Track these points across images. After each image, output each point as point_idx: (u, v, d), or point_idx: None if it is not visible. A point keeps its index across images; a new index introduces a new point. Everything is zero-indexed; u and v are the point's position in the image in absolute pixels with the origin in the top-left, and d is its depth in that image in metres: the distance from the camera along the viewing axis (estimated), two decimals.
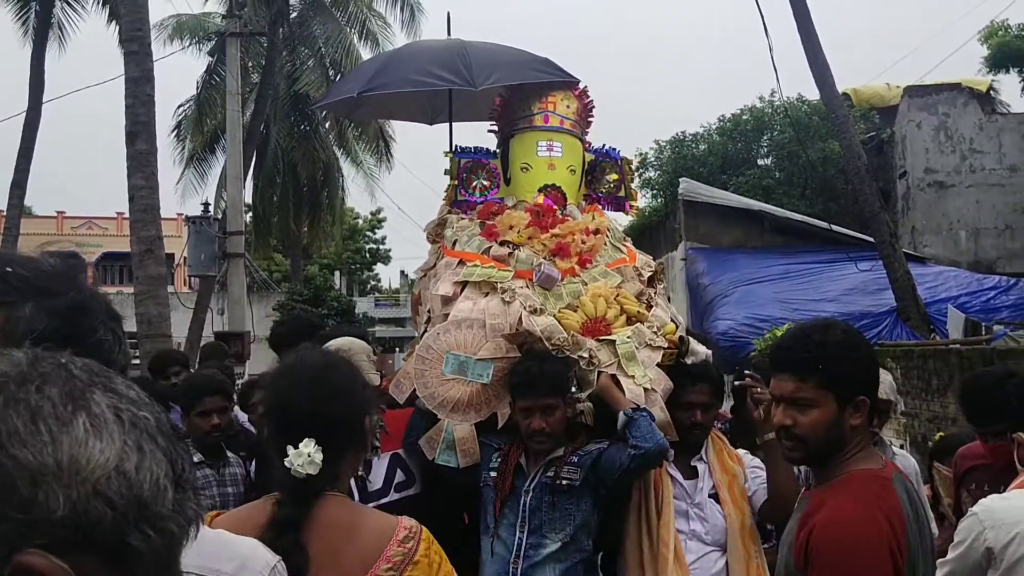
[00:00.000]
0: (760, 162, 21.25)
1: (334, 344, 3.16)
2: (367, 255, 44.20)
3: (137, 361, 10.91)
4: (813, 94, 13.43)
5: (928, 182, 17.82)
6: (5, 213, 17.29)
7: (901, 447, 7.81)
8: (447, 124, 4.26)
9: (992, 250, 17.60)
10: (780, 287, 13.35)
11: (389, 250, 45.00)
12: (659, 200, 21.71)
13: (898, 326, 11.87)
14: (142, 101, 9.81)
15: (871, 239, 12.55)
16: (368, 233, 43.98)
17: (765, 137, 20.90)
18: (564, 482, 2.82)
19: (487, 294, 3.18)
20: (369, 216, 42.68)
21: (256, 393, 2.39)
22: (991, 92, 18.31)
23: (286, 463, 1.70)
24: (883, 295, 12.32)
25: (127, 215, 10.19)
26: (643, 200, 23.22)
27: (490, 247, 3.38)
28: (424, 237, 3.77)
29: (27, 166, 16.12)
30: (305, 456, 1.69)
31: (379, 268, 47.05)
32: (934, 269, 14.35)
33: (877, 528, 1.78)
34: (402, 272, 50.46)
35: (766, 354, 2.84)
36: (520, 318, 2.99)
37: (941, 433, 6.47)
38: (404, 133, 28.72)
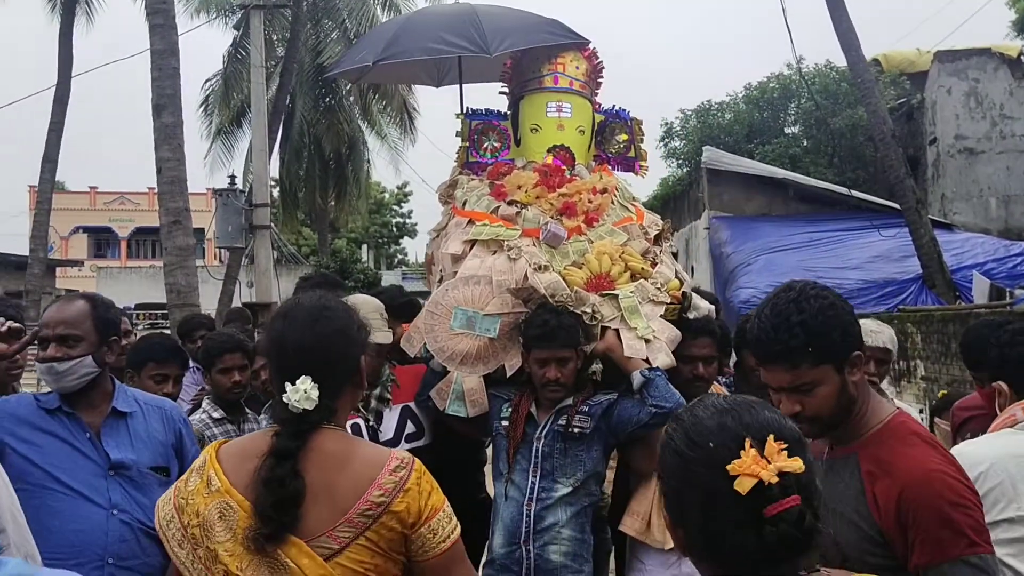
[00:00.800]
0: (787, 130, 21.04)
1: (348, 300, 3.28)
2: (394, 229, 44.43)
3: (168, 331, 11.16)
4: (842, 60, 13.25)
5: (958, 148, 17.58)
6: (37, 188, 17.62)
7: (920, 411, 7.83)
8: (455, 86, 4.32)
9: (1022, 217, 17.36)
10: (804, 255, 13.30)
11: (416, 224, 45.22)
12: (684, 169, 21.61)
13: (923, 292, 11.80)
14: (168, 74, 9.97)
15: (897, 206, 12.46)
16: (395, 207, 44.19)
17: (792, 105, 20.68)
18: (576, 430, 2.93)
19: (495, 252, 3.26)
20: (395, 190, 42.87)
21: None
22: (1021, 57, 17.96)
23: (284, 399, 1.80)
24: (909, 262, 12.24)
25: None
26: (668, 169, 23.14)
27: (498, 207, 3.45)
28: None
29: (58, 141, 16.40)
30: (302, 392, 1.78)
31: (406, 242, 47.33)
32: (961, 236, 14.20)
33: (957, 468, 1.81)
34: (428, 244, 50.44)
35: None
36: (525, 274, 3.07)
37: (943, 392, 6.49)
38: (428, 105, 28.78)
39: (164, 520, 1.84)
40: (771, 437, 1.21)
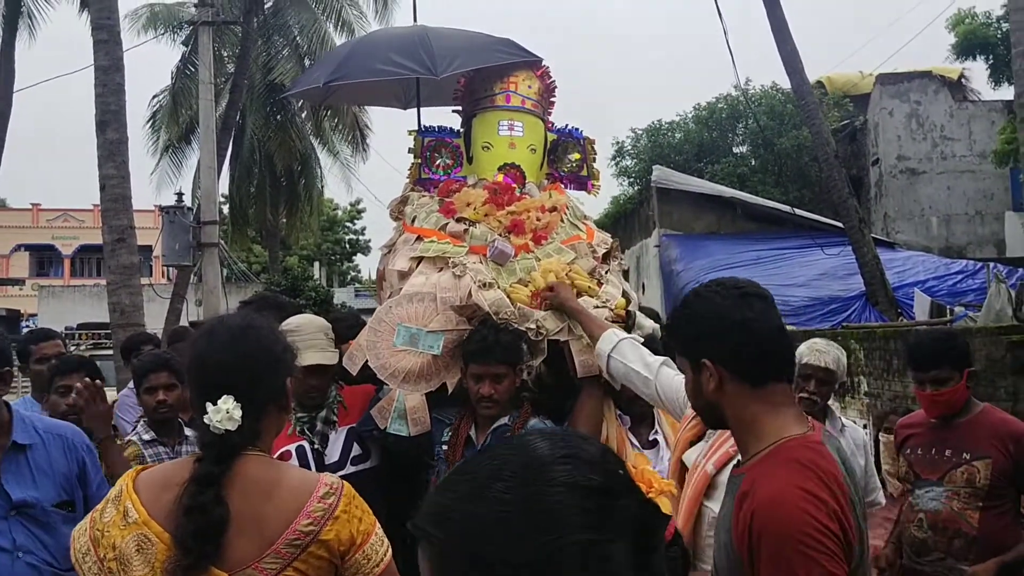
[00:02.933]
0: (736, 150, 21.43)
1: (292, 321, 3.23)
2: (347, 246, 44.10)
3: (110, 352, 10.89)
4: (787, 82, 13.55)
5: (900, 169, 18.07)
6: None
7: (864, 426, 7.98)
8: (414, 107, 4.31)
9: (962, 236, 17.88)
10: (752, 272, 13.50)
11: (369, 241, 44.91)
12: (635, 188, 21.86)
13: (867, 310, 12.07)
14: (112, 90, 9.77)
15: (841, 224, 12.74)
16: (347, 224, 43.88)
17: (740, 125, 21.09)
18: None
19: (441, 269, 3.25)
20: (348, 207, 42.60)
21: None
22: (962, 80, 18.56)
23: (205, 420, 1.74)
24: (852, 280, 12.52)
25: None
26: (619, 188, 23.38)
27: (447, 223, 3.44)
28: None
29: None
30: (224, 412, 1.72)
31: (359, 259, 46.99)
32: (903, 254, 14.58)
33: (820, 501, 1.60)
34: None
35: None
36: (470, 292, 3.06)
37: (889, 413, 6.66)
38: (381, 122, 28.72)
39: (80, 553, 1.74)
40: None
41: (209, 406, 1.74)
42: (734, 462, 1.95)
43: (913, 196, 18.01)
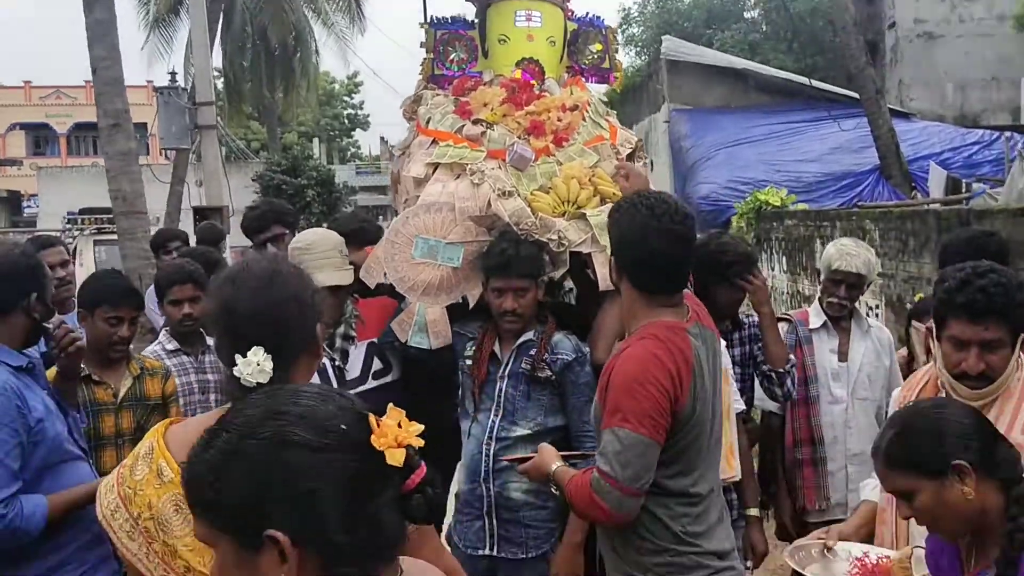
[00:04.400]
0: (747, 15, 20.64)
1: (304, 237, 3.11)
2: (345, 121, 43.29)
3: (114, 238, 10.79)
4: None
5: (917, 32, 17.41)
6: None
7: (876, 307, 7.97)
8: None
9: (978, 103, 17.41)
10: (764, 148, 13.22)
11: (368, 116, 44.07)
12: (642, 59, 21.17)
13: (880, 184, 11.86)
14: None
15: (856, 95, 12.34)
16: (345, 98, 42.91)
17: None
18: (541, 375, 2.85)
19: (458, 176, 3.10)
20: (345, 80, 41.53)
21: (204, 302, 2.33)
22: None
23: (235, 372, 1.64)
24: (866, 153, 12.24)
25: None
26: (626, 59, 22.64)
27: (463, 125, 3.26)
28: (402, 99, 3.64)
29: None
30: (255, 365, 1.62)
31: (358, 135, 46.21)
32: (919, 125, 14.20)
33: (661, 361, 2.14)
34: (382, 138, 49.43)
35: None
36: (488, 201, 2.93)
37: (920, 295, 6.56)
38: None
39: (108, 510, 1.67)
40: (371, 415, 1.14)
41: (239, 358, 1.64)
42: None
43: (929, 61, 17.40)
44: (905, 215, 7.89)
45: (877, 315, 7.59)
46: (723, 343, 3.27)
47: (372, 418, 1.13)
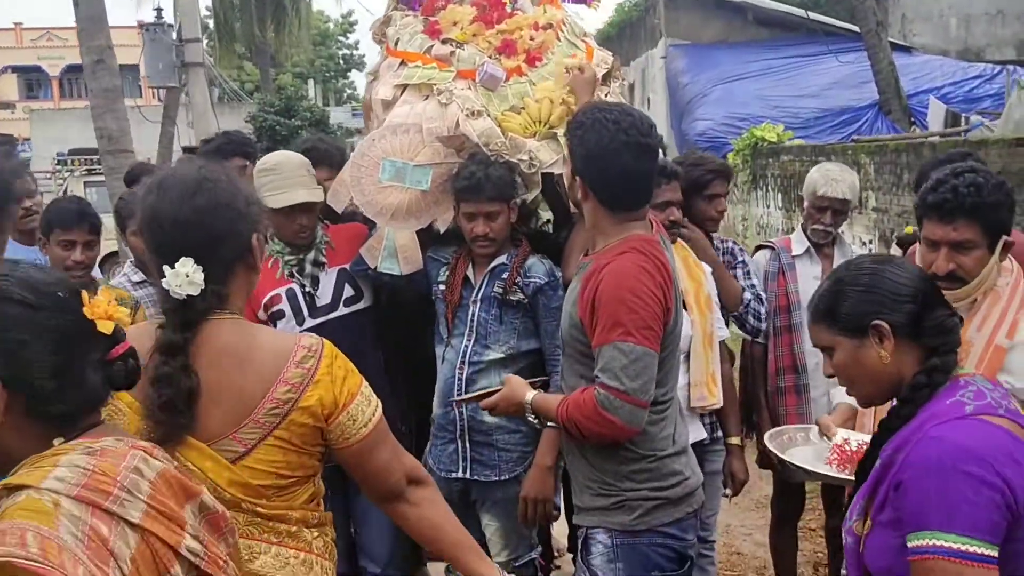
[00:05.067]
0: None
1: (269, 158, 3.03)
2: (341, 62, 42.64)
3: (102, 177, 10.67)
4: None
5: None
6: None
7: (870, 241, 7.89)
8: None
9: (982, 37, 17.07)
10: (761, 84, 13.02)
11: (363, 56, 43.32)
12: None
13: (879, 119, 11.70)
14: None
15: (856, 28, 12.09)
16: (340, 38, 42.20)
17: None
18: (512, 299, 2.81)
19: (427, 97, 3.00)
20: (340, 19, 40.80)
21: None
22: None
23: (163, 284, 1.59)
24: (865, 88, 12.05)
25: None
26: None
27: (432, 45, 3.15)
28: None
29: None
30: (183, 276, 1.57)
31: (354, 76, 45.52)
32: (920, 58, 13.95)
33: (650, 274, 2.13)
34: None
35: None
36: (457, 121, 2.84)
37: (910, 228, 6.48)
38: None
39: None
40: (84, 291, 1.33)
41: (167, 269, 1.58)
42: None
43: None
44: (900, 148, 7.77)
45: (871, 249, 7.53)
46: (708, 269, 3.24)
47: (85, 293, 1.30)
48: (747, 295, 3.40)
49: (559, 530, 3.78)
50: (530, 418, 2.34)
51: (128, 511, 1.15)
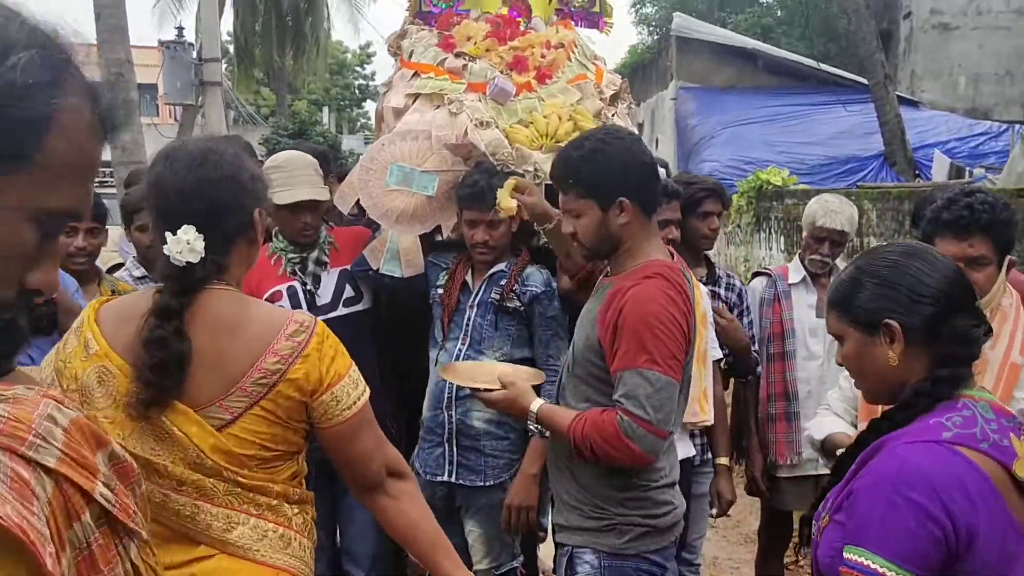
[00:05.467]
0: None
1: (278, 156, 3.10)
2: (356, 91, 43.10)
3: (112, 190, 10.79)
4: None
5: (932, 23, 17.22)
6: None
7: None
8: None
9: (990, 97, 17.25)
10: (768, 129, 13.15)
11: (379, 87, 43.83)
12: (654, 37, 21.03)
13: (884, 170, 11.80)
14: None
15: (864, 81, 12.26)
16: (357, 68, 42.72)
17: None
18: (509, 305, 2.85)
19: (438, 106, 3.08)
20: (357, 50, 41.32)
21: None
22: None
23: (164, 250, 1.63)
24: (872, 139, 12.17)
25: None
26: (637, 37, 22.50)
27: (445, 58, 3.24)
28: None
29: None
30: (184, 243, 1.61)
31: (368, 106, 45.94)
32: (926, 113, 14.10)
33: (675, 302, 2.13)
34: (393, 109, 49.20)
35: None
36: (465, 130, 2.91)
37: None
38: None
39: (46, 384, 1.66)
40: None
41: (168, 236, 1.62)
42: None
43: (943, 53, 17.23)
44: (903, 195, 7.85)
45: None
46: (704, 289, 3.29)
47: None
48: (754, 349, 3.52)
49: (546, 552, 3.77)
50: (531, 425, 2.34)
51: (43, 457, 1.16)
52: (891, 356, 1.55)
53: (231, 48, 24.56)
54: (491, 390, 2.39)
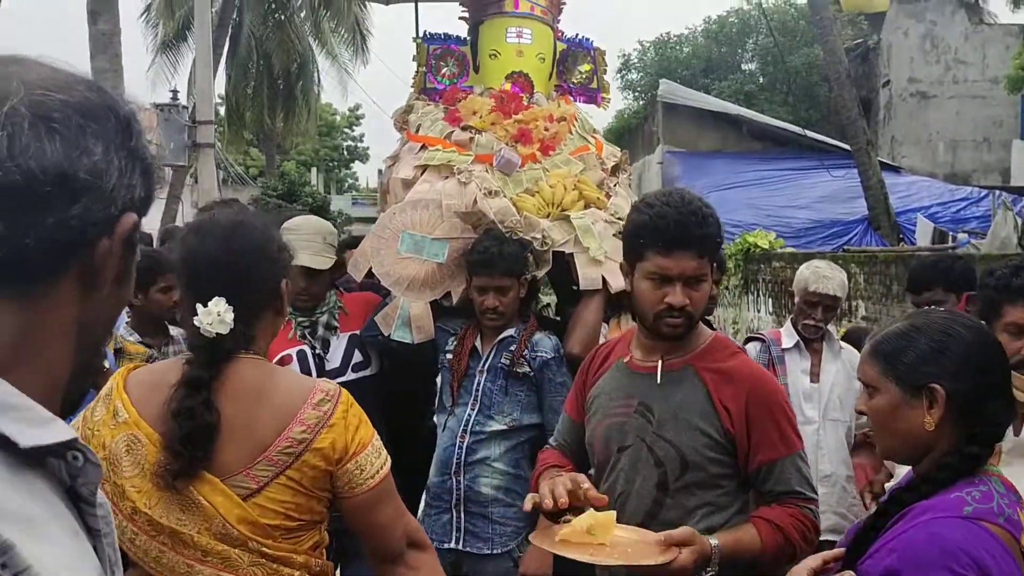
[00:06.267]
0: (744, 67, 21.02)
1: (293, 220, 3.16)
2: (344, 152, 43.56)
3: None
4: None
5: (911, 92, 17.74)
6: None
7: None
8: (407, 4, 4.16)
9: (969, 163, 17.69)
10: (754, 193, 13.40)
11: (367, 148, 44.29)
12: (640, 102, 21.49)
13: (868, 234, 12.02)
14: None
15: (847, 146, 12.56)
16: (345, 130, 43.23)
17: (750, 41, 20.65)
18: (519, 371, 2.88)
19: (446, 177, 3.17)
20: (347, 112, 41.90)
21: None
22: (979, 1, 18.05)
23: (195, 322, 1.65)
24: (855, 203, 12.42)
25: None
26: (623, 102, 22.99)
27: (452, 132, 3.35)
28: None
29: None
30: (215, 315, 1.63)
31: (357, 167, 46.44)
32: (908, 179, 14.44)
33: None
34: (380, 171, 49.61)
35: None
36: (475, 199, 2.99)
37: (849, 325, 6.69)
38: (382, 27, 27.95)
39: None
40: None
41: (199, 307, 1.65)
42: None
43: (922, 120, 17.73)
44: (890, 259, 7.99)
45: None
46: None
47: None
48: None
49: None
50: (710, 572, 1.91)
51: None
52: (928, 421, 1.51)
53: (222, 110, 24.85)
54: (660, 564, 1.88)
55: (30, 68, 0.75)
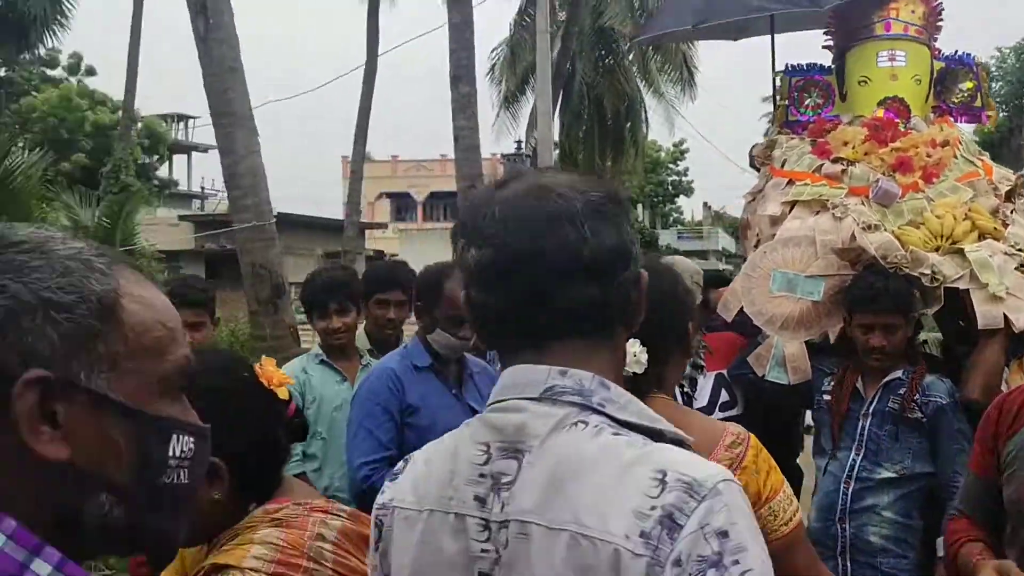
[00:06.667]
0: None
1: (667, 259, 3.28)
2: (669, 188, 43.92)
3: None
4: None
5: None
6: (351, 159, 19.48)
7: None
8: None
9: None
10: None
11: (692, 182, 44.30)
12: (1003, 114, 19.23)
13: None
14: (463, 46, 10.48)
15: None
16: (670, 165, 43.62)
17: None
18: (911, 416, 2.72)
19: (817, 212, 3.09)
20: (671, 148, 42.28)
21: None
22: None
23: None
24: None
25: (450, 157, 11.03)
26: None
27: (821, 165, 3.26)
28: (727, 165, 3.76)
29: (367, 115, 17.96)
30: (632, 355, 1.69)
31: (681, 200, 46.58)
32: None
33: None
34: (705, 204, 49.52)
35: None
36: (852, 234, 2.88)
37: None
38: (706, 59, 27.85)
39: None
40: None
41: None
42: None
43: None
44: None
45: None
46: None
47: (257, 365, 1.48)
48: None
49: None
50: None
51: None
52: None
53: (555, 154, 26.32)
54: None
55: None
